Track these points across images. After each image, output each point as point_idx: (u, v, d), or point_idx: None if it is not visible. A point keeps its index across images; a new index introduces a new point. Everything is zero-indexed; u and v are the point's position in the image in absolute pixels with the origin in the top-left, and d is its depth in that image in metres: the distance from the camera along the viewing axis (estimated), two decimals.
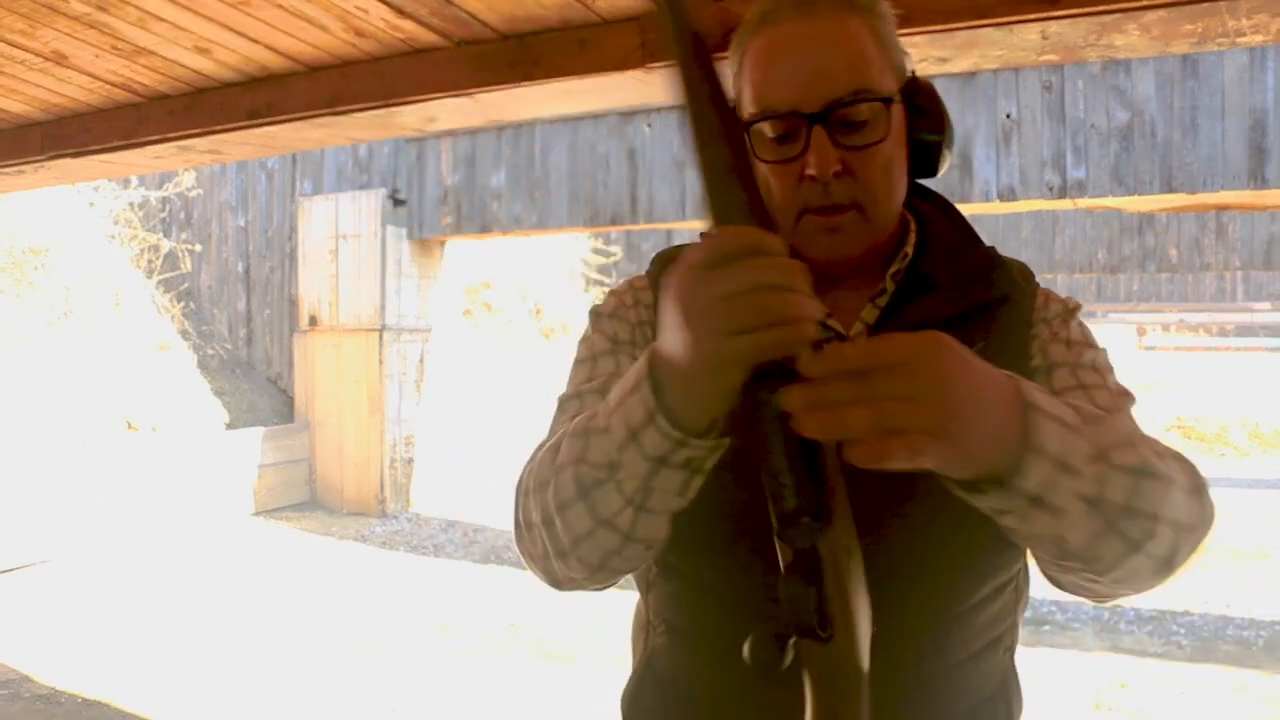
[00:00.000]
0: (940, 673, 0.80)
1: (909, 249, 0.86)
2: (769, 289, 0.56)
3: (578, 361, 0.91)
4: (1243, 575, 5.31)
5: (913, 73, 0.84)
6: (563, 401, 0.88)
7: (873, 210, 0.80)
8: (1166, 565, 0.70)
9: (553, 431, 0.83)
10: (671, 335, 0.61)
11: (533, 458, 0.80)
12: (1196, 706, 3.46)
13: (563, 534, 0.72)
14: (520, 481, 0.80)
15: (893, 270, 0.85)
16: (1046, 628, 4.33)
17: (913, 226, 0.88)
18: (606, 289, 0.95)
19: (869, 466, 0.56)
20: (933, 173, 0.86)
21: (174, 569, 5.19)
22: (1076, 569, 0.69)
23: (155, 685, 3.54)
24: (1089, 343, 0.85)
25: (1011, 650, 0.88)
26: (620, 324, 0.90)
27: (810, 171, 0.77)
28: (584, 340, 0.92)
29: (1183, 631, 4.32)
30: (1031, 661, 4.02)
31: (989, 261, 0.86)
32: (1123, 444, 0.66)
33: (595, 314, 0.92)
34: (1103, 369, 0.83)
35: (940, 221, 0.89)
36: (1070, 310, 0.87)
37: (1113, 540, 0.65)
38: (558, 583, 0.79)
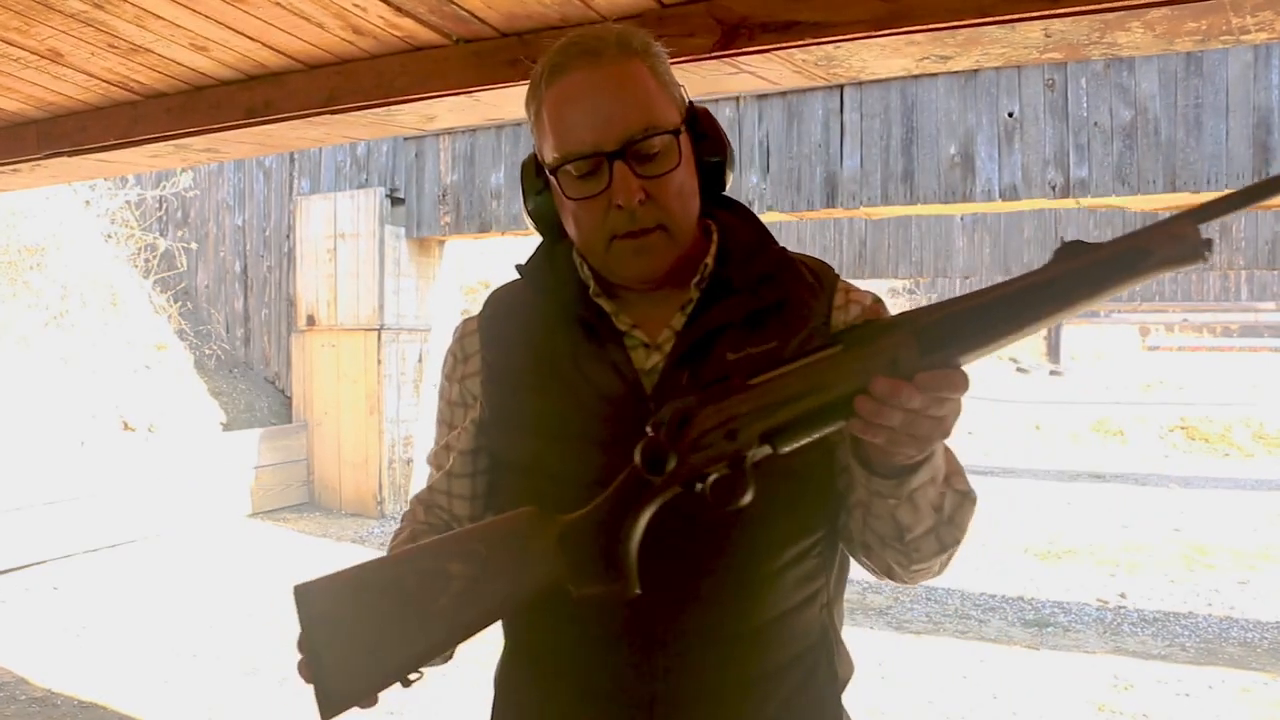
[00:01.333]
0: (759, 627, 0.91)
1: (709, 259, 0.96)
2: None
3: (436, 421, 1.08)
4: (1247, 577, 5.29)
5: (689, 102, 0.95)
6: (429, 458, 1.07)
7: (674, 229, 0.90)
8: (944, 566, 0.93)
9: (428, 480, 1.07)
10: None
11: (413, 509, 1.05)
12: (1200, 709, 3.45)
13: None
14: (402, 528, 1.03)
15: (696, 279, 0.95)
16: (1049, 629, 4.32)
17: (714, 236, 0.98)
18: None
19: (867, 439, 0.76)
20: (722, 188, 0.99)
21: (171, 570, 5.18)
22: (897, 551, 0.89)
23: (152, 687, 3.53)
24: None
25: (829, 607, 0.97)
26: (452, 385, 1.04)
27: (618, 201, 0.87)
28: (438, 400, 1.07)
29: (1186, 633, 4.30)
30: (1034, 663, 4.01)
31: (779, 261, 0.96)
32: (958, 472, 0.90)
33: (441, 376, 1.07)
34: None
35: (739, 227, 0.99)
36: (871, 308, 0.97)
37: (933, 540, 0.88)
38: None
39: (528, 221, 1.02)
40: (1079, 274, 0.71)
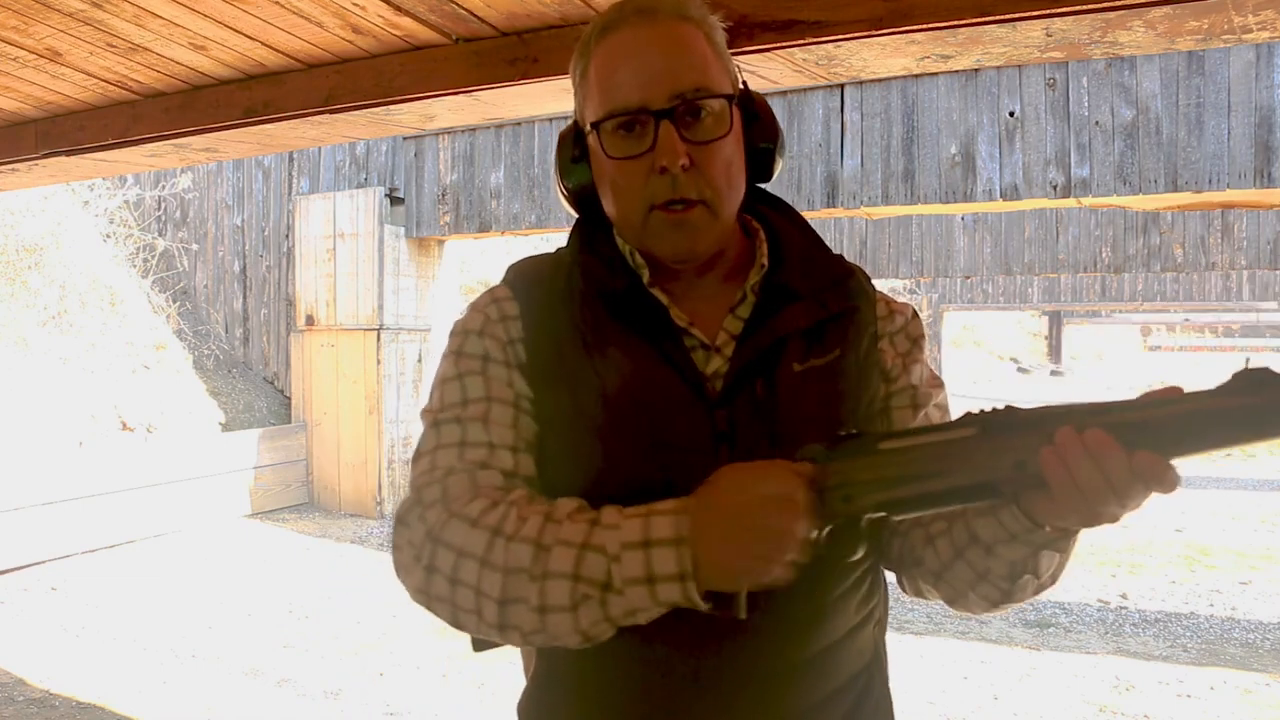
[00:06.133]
0: (821, 652, 0.87)
1: (764, 260, 0.91)
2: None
3: (445, 380, 0.91)
4: (1249, 577, 5.29)
5: (744, 84, 0.90)
6: (440, 424, 0.88)
7: (717, 205, 0.85)
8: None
9: (424, 450, 0.88)
10: (737, 541, 0.72)
11: (420, 500, 0.87)
12: (1202, 710, 3.44)
13: (524, 620, 0.76)
14: (422, 525, 0.85)
15: (752, 282, 0.90)
16: (1050, 630, 4.31)
17: (763, 236, 0.93)
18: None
19: (1054, 481, 0.70)
20: (768, 177, 0.93)
21: (170, 571, 5.17)
22: (993, 589, 0.84)
23: (151, 688, 3.52)
24: (937, 381, 0.96)
25: (881, 625, 0.94)
26: (491, 341, 0.90)
27: (662, 163, 0.82)
28: (449, 356, 0.92)
29: (1188, 634, 4.30)
30: (1035, 664, 3.99)
31: (841, 270, 0.92)
32: None
33: (462, 332, 0.92)
34: (945, 408, 0.97)
35: (790, 230, 0.94)
36: (913, 321, 0.95)
37: (1048, 580, 0.85)
38: (457, 624, 0.81)
39: (560, 199, 0.93)
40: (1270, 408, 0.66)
